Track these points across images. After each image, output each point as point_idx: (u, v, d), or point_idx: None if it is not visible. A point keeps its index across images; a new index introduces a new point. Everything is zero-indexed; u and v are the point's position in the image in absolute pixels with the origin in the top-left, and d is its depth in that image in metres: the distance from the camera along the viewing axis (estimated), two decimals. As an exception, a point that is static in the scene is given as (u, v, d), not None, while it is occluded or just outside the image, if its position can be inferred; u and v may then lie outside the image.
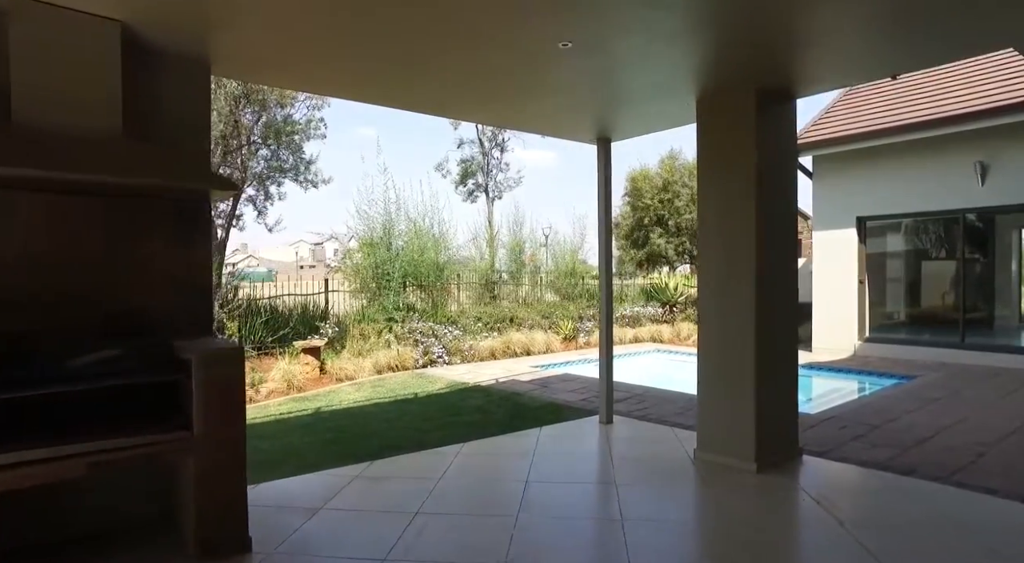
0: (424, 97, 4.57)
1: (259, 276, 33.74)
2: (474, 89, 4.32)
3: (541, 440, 5.19)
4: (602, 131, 5.64)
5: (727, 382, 4.43)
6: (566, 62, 3.75)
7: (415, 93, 4.44)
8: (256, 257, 68.75)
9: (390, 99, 4.69)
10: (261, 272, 40.62)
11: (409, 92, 4.40)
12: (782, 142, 4.50)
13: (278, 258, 59.34)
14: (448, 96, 4.53)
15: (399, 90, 4.37)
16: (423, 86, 4.24)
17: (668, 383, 7.84)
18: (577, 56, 3.65)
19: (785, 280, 4.52)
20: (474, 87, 4.27)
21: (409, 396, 7.49)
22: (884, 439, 5.13)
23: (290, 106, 9.55)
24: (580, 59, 3.72)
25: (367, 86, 4.32)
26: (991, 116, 8.52)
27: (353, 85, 4.34)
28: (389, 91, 4.40)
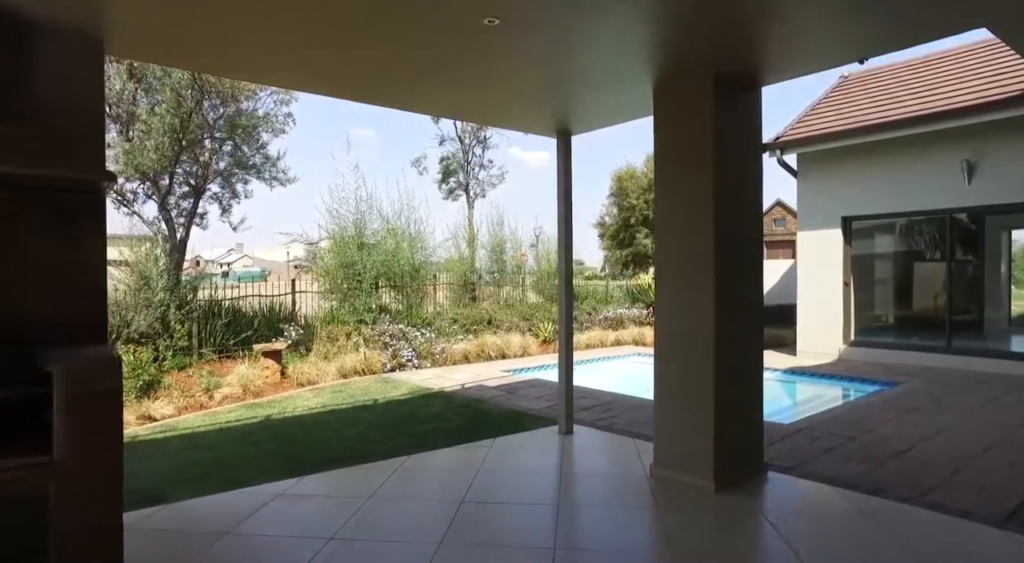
0: (349, 82, 4.22)
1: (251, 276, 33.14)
2: (402, 73, 3.98)
3: (491, 453, 4.85)
4: (561, 124, 5.31)
5: (684, 393, 4.11)
6: (500, 43, 3.41)
7: (338, 77, 4.10)
8: (251, 257, 68.22)
9: (313, 84, 4.35)
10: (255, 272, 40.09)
11: (332, 76, 4.06)
12: (746, 135, 4.18)
13: (272, 258, 58.92)
14: (376, 81, 4.18)
15: (320, 74, 4.03)
16: (346, 70, 3.90)
17: (643, 389, 7.49)
18: (511, 36, 3.32)
19: (749, 283, 4.19)
20: (402, 71, 3.93)
21: (368, 402, 7.14)
22: (857, 452, 4.81)
23: (254, 100, 9.19)
24: (516, 40, 3.39)
25: (285, 70, 3.99)
26: (976, 113, 8.22)
27: (272, 69, 4.02)
28: (310, 75, 4.06)
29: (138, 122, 7.29)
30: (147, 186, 8.41)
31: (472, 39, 3.32)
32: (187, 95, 7.68)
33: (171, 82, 7.27)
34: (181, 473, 4.56)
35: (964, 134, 8.73)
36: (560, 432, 5.42)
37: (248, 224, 10.13)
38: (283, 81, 4.18)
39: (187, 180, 8.84)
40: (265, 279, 20.97)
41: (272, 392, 7.81)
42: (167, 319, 7.97)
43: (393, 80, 4.20)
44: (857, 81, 11.76)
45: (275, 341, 8.86)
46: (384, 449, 5.08)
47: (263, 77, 4.14)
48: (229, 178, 9.66)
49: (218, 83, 7.78)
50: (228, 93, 8.47)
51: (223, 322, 8.79)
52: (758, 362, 4.29)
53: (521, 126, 5.59)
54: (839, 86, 11.93)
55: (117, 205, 8.50)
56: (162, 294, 7.93)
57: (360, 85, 4.35)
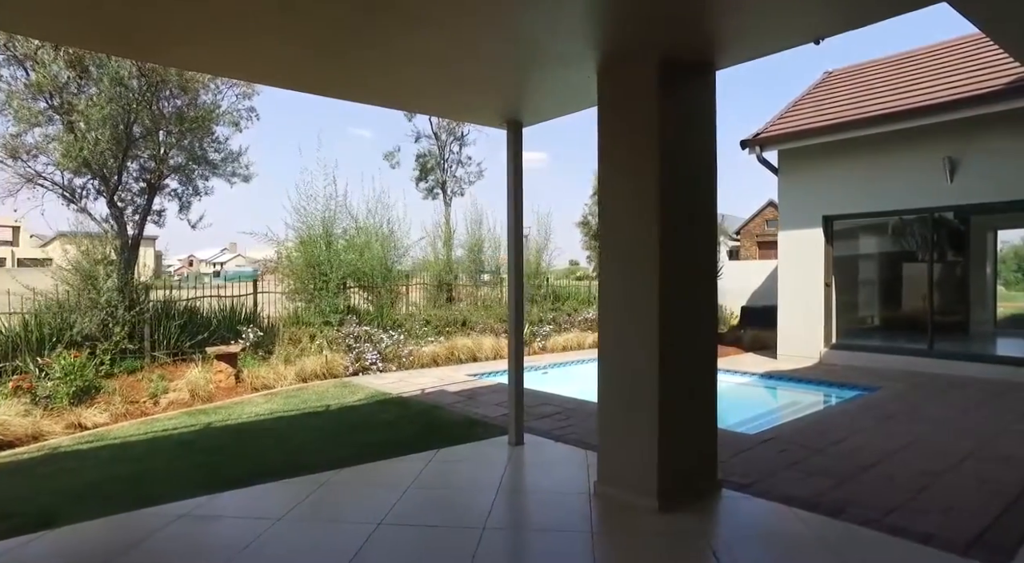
0: (272, 68, 3.89)
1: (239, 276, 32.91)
2: (327, 57, 3.65)
3: (431, 466, 4.52)
4: (510, 114, 4.98)
5: (627, 401, 3.79)
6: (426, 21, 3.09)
7: (261, 63, 3.77)
8: (244, 256, 67.69)
9: (231, 69, 4.02)
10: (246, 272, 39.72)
11: (252, 61, 3.73)
12: (698, 123, 3.86)
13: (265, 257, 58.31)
14: (301, 66, 3.85)
15: (239, 59, 3.69)
16: (265, 54, 3.57)
17: None
18: (442, 14, 2.99)
19: (701, 280, 3.87)
20: (327, 54, 3.60)
21: (320, 409, 6.80)
22: (822, 466, 4.49)
23: (211, 93, 8.82)
24: (448, 18, 3.07)
25: (201, 54, 3.65)
26: (955, 108, 7.93)
27: (186, 53, 3.67)
28: (229, 59, 3.72)
29: (75, 113, 6.90)
30: (97, 182, 8.02)
31: (394, 14, 2.99)
32: (133, 85, 7.29)
33: (110, 70, 6.89)
34: (90, 490, 4.21)
35: (946, 131, 8.45)
36: (510, 443, 5.09)
37: (208, 222, 9.66)
38: (201, 65, 3.86)
39: (141, 176, 8.46)
40: (256, 279, 20.60)
41: (224, 397, 7.45)
42: (114, 321, 7.60)
43: (321, 65, 3.87)
44: (840, 77, 11.47)
45: (231, 344, 8.50)
46: (320, 461, 4.75)
47: (177, 61, 3.82)
48: (189, 174, 9.28)
49: (164, 72, 7.39)
50: (183, 85, 8.10)
51: (178, 324, 8.43)
52: (711, 366, 3.97)
53: (470, 116, 5.27)
54: (822, 82, 11.64)
55: (65, 201, 8.12)
56: (109, 295, 7.55)
57: (284, 71, 4.01)
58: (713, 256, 3.99)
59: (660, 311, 3.57)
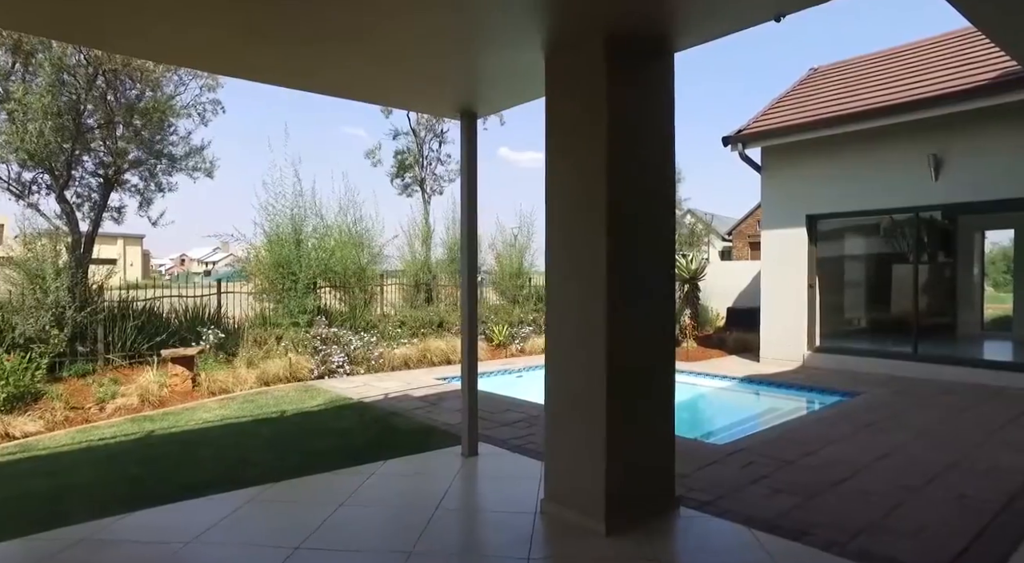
0: (216, 56, 3.60)
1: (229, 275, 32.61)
2: (273, 45, 3.38)
3: (372, 480, 4.20)
4: (465, 103, 4.67)
5: (572, 413, 3.48)
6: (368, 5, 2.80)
7: (204, 51, 3.50)
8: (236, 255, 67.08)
9: (160, 54, 3.71)
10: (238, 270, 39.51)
11: (197, 50, 3.46)
12: (652, 112, 3.55)
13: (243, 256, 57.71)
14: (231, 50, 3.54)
15: (184, 47, 3.43)
16: (212, 42, 3.30)
17: None
18: None
19: (657, 280, 3.57)
20: (259, 37, 3.30)
21: (274, 415, 6.47)
22: (791, 481, 4.20)
23: (173, 85, 8.47)
24: None
25: (129, 38, 3.36)
26: (938, 104, 7.68)
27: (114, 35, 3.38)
28: (153, 42, 3.43)
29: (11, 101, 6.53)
30: (48, 176, 7.66)
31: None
32: (80, 73, 6.93)
33: (51, 57, 6.52)
34: None
35: (931, 128, 8.19)
36: (463, 454, 4.78)
37: (169, 219, 9.30)
38: (143, 52, 3.62)
39: (97, 171, 8.10)
40: (247, 279, 20.24)
41: (178, 402, 7.11)
42: (62, 322, 7.24)
43: (262, 52, 3.59)
44: (825, 74, 11.21)
45: (190, 346, 8.15)
46: (258, 473, 4.43)
47: (113, 46, 3.57)
48: (151, 169, 8.91)
49: (111, 60, 7.02)
50: (131, 73, 7.72)
51: (134, 325, 8.08)
52: (667, 374, 3.66)
53: (423, 106, 4.97)
54: (807, 79, 11.38)
55: (13, 197, 7.75)
56: (56, 295, 7.20)
57: (224, 59, 3.75)
58: (670, 253, 3.69)
59: (608, 313, 3.26)
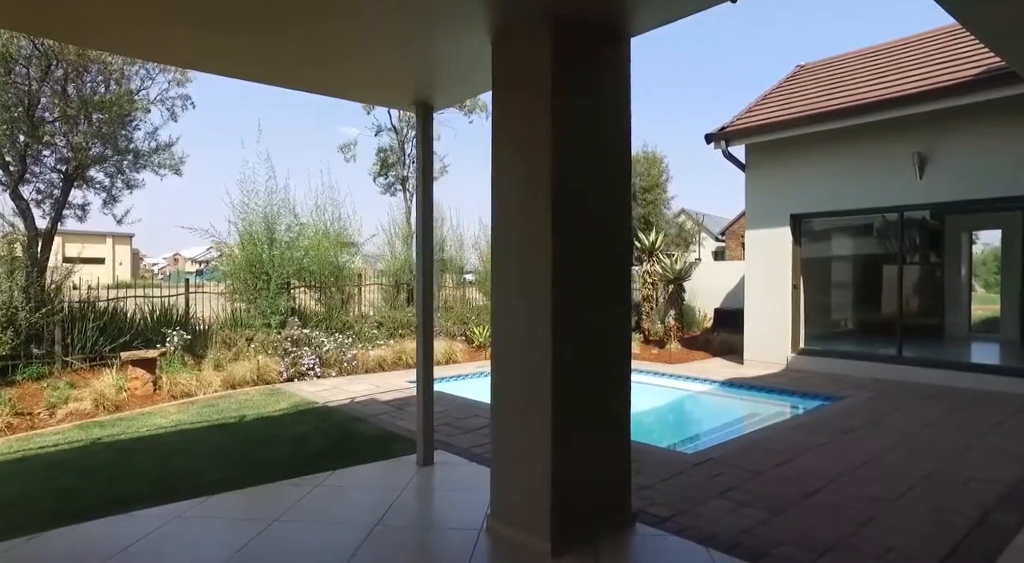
0: (160, 45, 3.37)
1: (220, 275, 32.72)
2: (219, 35, 3.13)
3: (316, 492, 3.96)
4: (419, 95, 4.43)
5: (517, 423, 3.25)
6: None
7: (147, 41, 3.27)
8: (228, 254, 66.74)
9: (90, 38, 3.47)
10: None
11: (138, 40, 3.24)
12: (604, 104, 3.32)
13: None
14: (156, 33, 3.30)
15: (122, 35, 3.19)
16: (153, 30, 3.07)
17: None
18: None
19: (607, 288, 3.34)
20: (216, 32, 3.07)
21: (232, 420, 6.21)
22: (759, 494, 3.97)
23: (143, 78, 8.20)
24: None
25: None
26: (925, 100, 7.48)
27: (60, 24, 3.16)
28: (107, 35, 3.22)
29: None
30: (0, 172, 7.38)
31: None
32: (34, 64, 6.66)
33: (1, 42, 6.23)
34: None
35: (916, 125, 8.00)
36: (417, 463, 4.54)
37: (135, 217, 9.03)
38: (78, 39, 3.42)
39: (56, 167, 7.82)
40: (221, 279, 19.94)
41: (137, 406, 6.84)
42: (16, 323, 6.97)
43: (204, 41, 3.37)
44: (812, 71, 11.01)
45: (155, 348, 7.88)
46: (198, 484, 4.19)
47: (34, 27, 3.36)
48: (118, 165, 8.64)
49: (63, 50, 6.75)
50: (102, 68, 7.46)
51: (96, 326, 7.81)
52: (622, 381, 3.43)
53: (377, 98, 4.72)
54: (793, 76, 11.18)
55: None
56: (8, 294, 6.92)
57: (163, 47, 3.51)
58: (626, 257, 3.46)
59: (554, 316, 3.03)
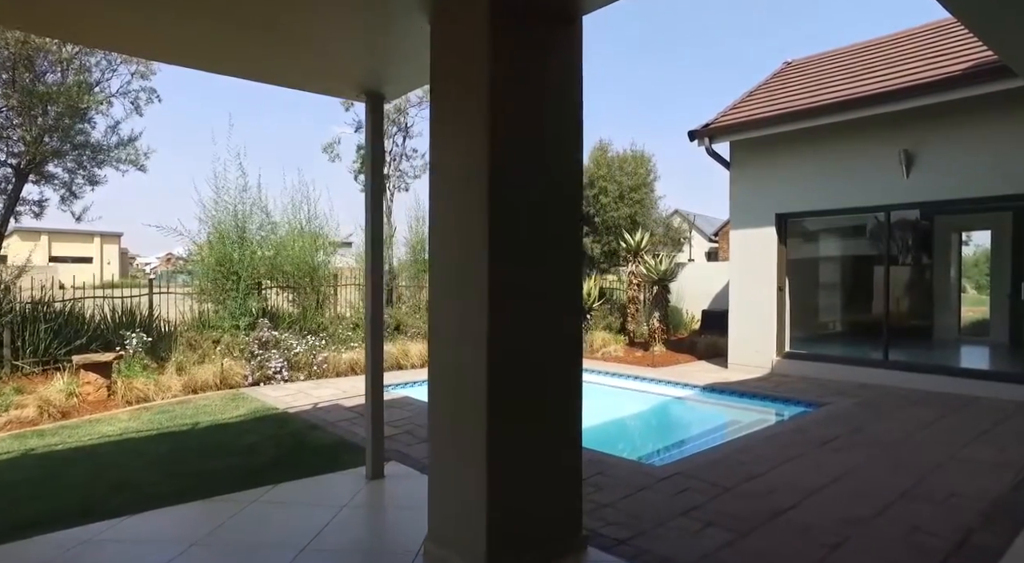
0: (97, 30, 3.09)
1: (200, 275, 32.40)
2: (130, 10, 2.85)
3: (249, 510, 3.66)
4: (369, 84, 4.15)
5: (453, 437, 2.97)
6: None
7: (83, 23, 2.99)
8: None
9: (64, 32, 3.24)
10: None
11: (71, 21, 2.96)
12: (550, 89, 3.04)
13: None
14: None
15: None
16: None
17: None
18: None
19: (554, 291, 3.05)
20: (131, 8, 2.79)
21: (184, 428, 5.90)
22: (726, 512, 3.70)
23: (103, 70, 7.88)
24: None
25: None
26: (911, 96, 7.24)
27: None
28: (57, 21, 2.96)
29: None
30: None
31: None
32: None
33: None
34: None
35: (903, 122, 7.76)
36: (366, 477, 4.25)
37: (96, 214, 8.70)
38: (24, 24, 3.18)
39: (6, 161, 7.50)
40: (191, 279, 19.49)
41: (88, 413, 6.52)
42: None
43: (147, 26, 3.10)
44: (799, 67, 10.78)
45: (113, 351, 7.56)
46: (122, 502, 3.89)
47: None
48: (78, 160, 8.31)
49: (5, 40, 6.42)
50: (58, 59, 7.13)
51: (47, 327, 7.48)
52: (571, 390, 3.14)
53: (323, 86, 4.41)
54: (780, 72, 10.94)
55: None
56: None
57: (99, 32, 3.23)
58: (576, 254, 3.18)
59: (490, 321, 2.75)
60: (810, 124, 8.30)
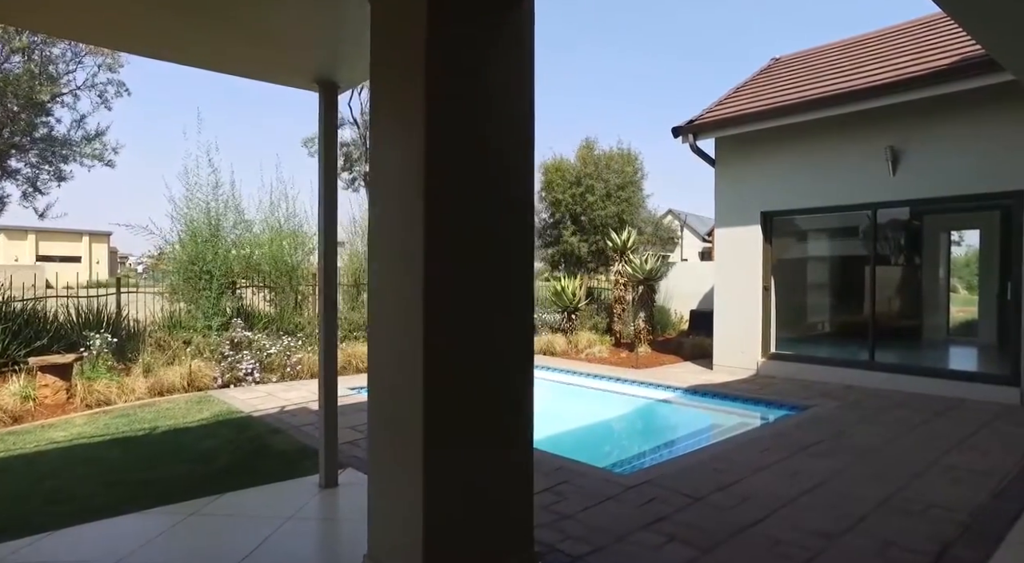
0: None
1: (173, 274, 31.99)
2: None
3: (186, 523, 3.45)
4: (321, 72, 3.95)
5: (389, 446, 2.76)
6: None
7: None
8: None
9: None
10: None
11: None
12: (495, 75, 2.83)
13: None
14: None
15: None
16: None
17: None
18: None
19: (496, 290, 2.84)
20: None
21: (141, 433, 5.67)
22: (693, 525, 3.50)
23: (67, 62, 7.63)
24: None
25: None
26: (897, 91, 7.06)
27: None
28: None
29: None
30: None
31: None
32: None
33: None
34: None
35: (890, 118, 7.59)
36: (319, 485, 4.04)
37: (60, 211, 8.45)
38: None
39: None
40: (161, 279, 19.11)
41: (45, 416, 6.29)
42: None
43: None
44: (786, 64, 10.61)
45: (77, 351, 7.31)
46: (54, 517, 3.65)
47: None
48: (44, 155, 8.05)
49: None
50: (14, 48, 6.87)
51: (4, 327, 7.23)
52: (520, 395, 2.93)
53: (270, 74, 4.17)
54: (767, 68, 10.77)
55: None
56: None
57: None
58: (526, 252, 2.97)
59: (426, 323, 2.53)
60: (796, 120, 8.12)
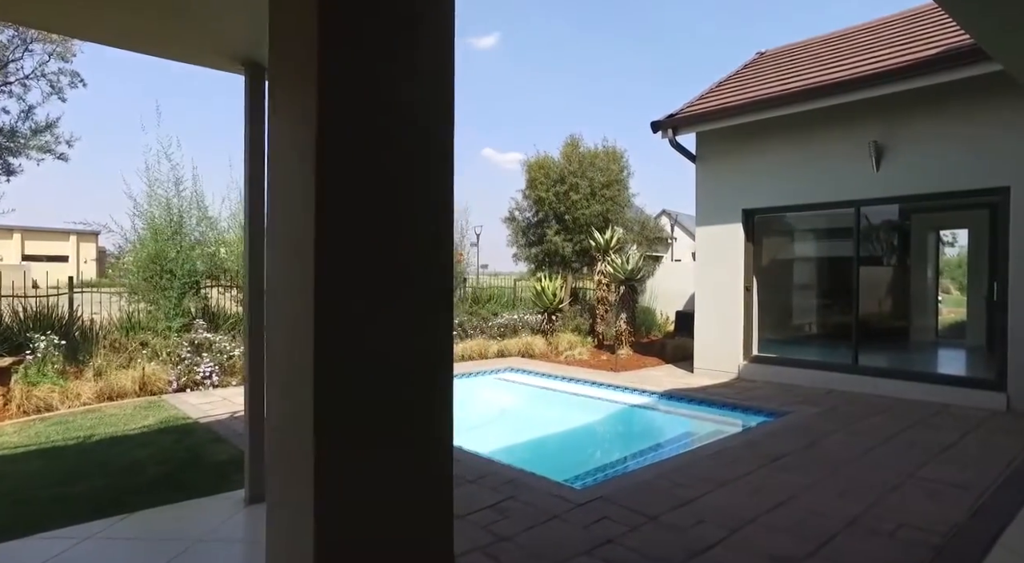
0: None
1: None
2: None
3: (79, 547, 3.12)
4: (247, 52, 3.63)
5: (281, 464, 2.42)
6: None
7: None
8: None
9: None
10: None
11: None
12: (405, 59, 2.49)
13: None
14: None
15: None
16: None
17: (486, 423, 5.86)
18: None
19: (404, 286, 2.51)
20: None
21: (72, 442, 5.32)
22: (640, 550, 3.19)
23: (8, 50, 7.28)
24: None
25: None
26: (880, 82, 6.77)
27: None
28: None
29: None
30: None
31: None
32: None
33: None
34: None
35: (874, 111, 7.31)
36: (244, 501, 3.72)
37: (10, 206, 8.07)
38: None
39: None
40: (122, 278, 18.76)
41: (-21, 423, 5.93)
42: None
43: None
44: (771, 58, 10.33)
45: (24, 354, 6.96)
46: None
47: None
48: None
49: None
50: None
51: (-52, 329, 6.87)
52: (435, 396, 2.59)
53: (190, 54, 3.82)
54: (752, 62, 10.49)
55: None
56: None
57: None
58: (444, 245, 2.64)
59: (317, 317, 2.20)
60: (777, 114, 7.83)
